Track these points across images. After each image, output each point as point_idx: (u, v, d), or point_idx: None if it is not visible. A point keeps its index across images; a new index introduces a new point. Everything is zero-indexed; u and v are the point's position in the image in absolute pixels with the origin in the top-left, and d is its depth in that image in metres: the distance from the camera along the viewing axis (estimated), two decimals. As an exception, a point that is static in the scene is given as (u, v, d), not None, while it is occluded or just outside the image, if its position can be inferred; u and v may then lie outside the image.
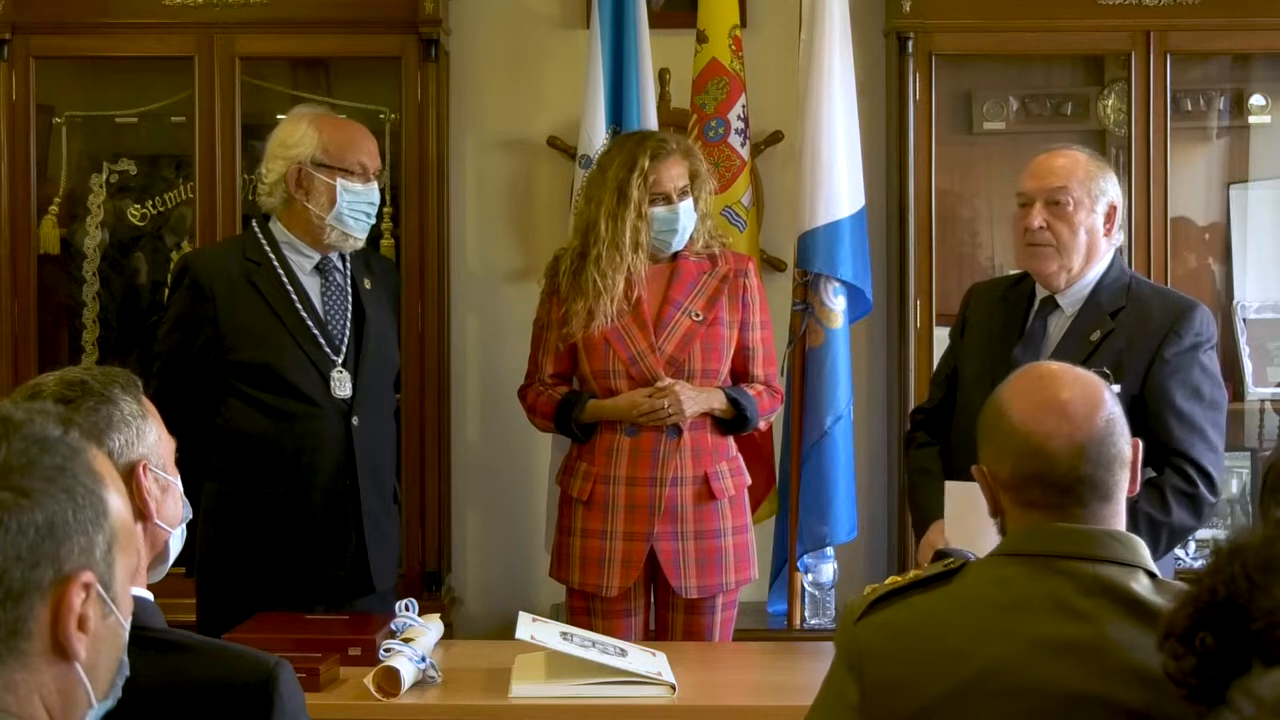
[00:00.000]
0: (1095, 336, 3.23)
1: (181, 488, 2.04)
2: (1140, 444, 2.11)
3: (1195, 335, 3.21)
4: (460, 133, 4.73)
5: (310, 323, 3.56)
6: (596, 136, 4.23)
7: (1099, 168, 3.33)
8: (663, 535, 3.67)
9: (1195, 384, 3.18)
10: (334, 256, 3.65)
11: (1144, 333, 3.20)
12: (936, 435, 3.48)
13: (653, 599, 3.78)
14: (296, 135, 3.60)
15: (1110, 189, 3.30)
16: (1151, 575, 2.01)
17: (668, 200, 3.66)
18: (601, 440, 3.70)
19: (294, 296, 3.57)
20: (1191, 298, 3.48)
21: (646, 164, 3.64)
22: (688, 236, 3.71)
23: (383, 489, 3.68)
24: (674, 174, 3.67)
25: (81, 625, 1.32)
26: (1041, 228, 3.28)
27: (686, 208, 3.68)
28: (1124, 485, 2.06)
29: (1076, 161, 3.31)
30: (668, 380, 3.63)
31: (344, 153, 3.60)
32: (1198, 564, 4.55)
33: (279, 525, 3.51)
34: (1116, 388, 2.83)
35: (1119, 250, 3.36)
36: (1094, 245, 3.29)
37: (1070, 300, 3.30)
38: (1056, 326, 3.32)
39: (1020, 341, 3.32)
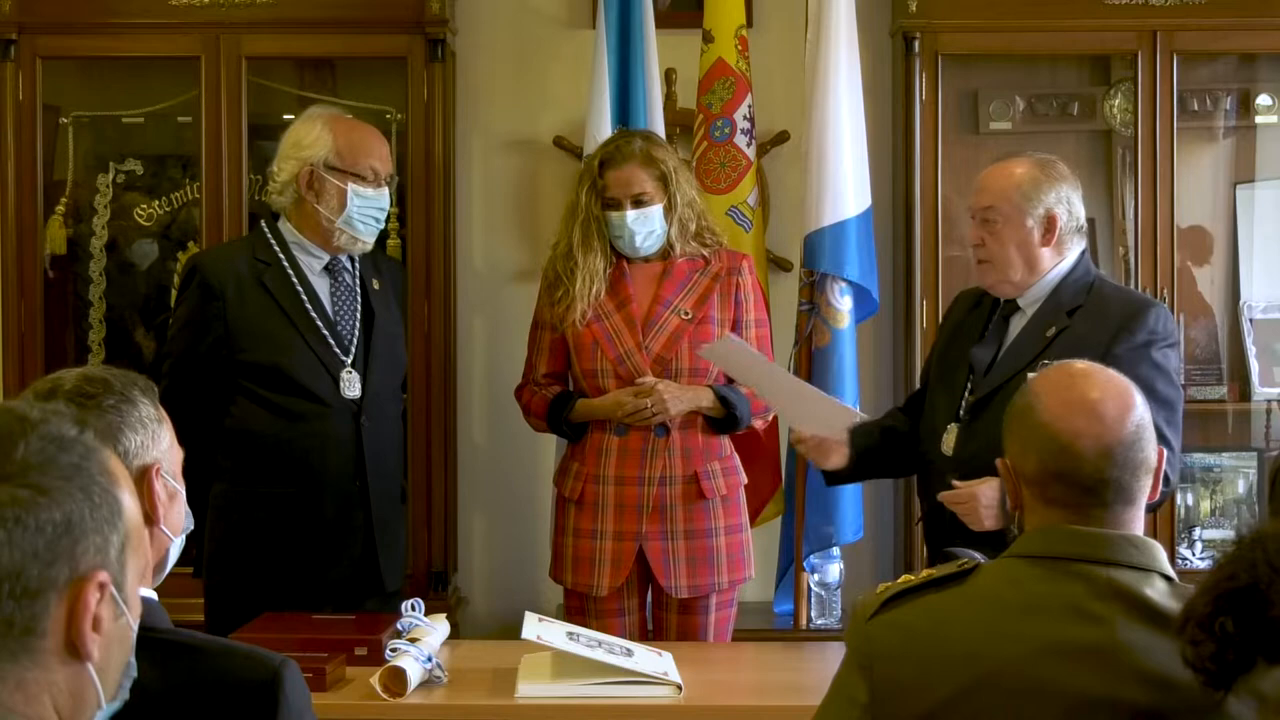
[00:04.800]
0: (1050, 333, 3.23)
1: (185, 498, 2.03)
2: (1165, 451, 2.11)
3: (1149, 333, 3.18)
4: (466, 133, 4.73)
5: (320, 323, 3.57)
6: (602, 136, 4.21)
7: (1037, 180, 3.29)
8: (651, 535, 3.67)
9: (1147, 381, 3.07)
10: (343, 257, 3.65)
11: (1097, 329, 3.18)
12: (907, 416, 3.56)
13: (648, 599, 3.79)
14: (310, 137, 3.60)
15: (1048, 199, 3.27)
16: (1168, 579, 2.00)
17: (618, 206, 3.68)
18: (592, 440, 3.72)
19: (304, 297, 3.57)
20: (1150, 297, 3.48)
21: (597, 168, 3.69)
22: (654, 240, 3.73)
23: (391, 490, 3.69)
24: (624, 180, 3.69)
25: (95, 625, 1.31)
26: (977, 244, 3.32)
27: (641, 214, 3.69)
28: (1147, 490, 2.06)
29: (1009, 176, 3.31)
30: (650, 379, 3.64)
31: (357, 157, 3.60)
32: (1204, 564, 4.55)
33: (288, 526, 3.52)
34: None
35: (1084, 252, 3.35)
36: (1031, 257, 3.28)
37: (1030, 301, 3.31)
38: (1016, 326, 3.33)
39: (981, 341, 3.34)
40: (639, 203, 3.68)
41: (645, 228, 3.70)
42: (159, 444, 1.93)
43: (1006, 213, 3.28)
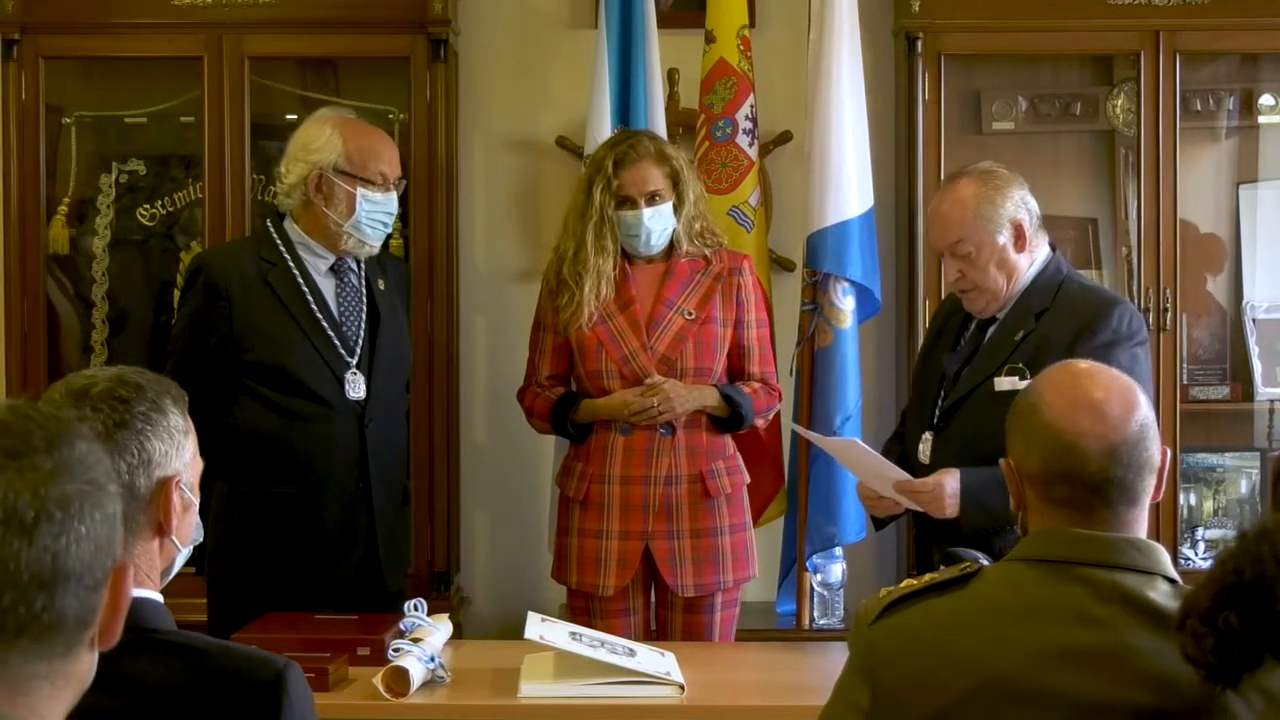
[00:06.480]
0: (1019, 336, 3.23)
1: (198, 510, 2.03)
2: (1169, 451, 2.10)
3: (1112, 332, 3.16)
4: (469, 133, 4.73)
5: (325, 324, 3.56)
6: (603, 137, 4.20)
7: (989, 196, 3.28)
8: (658, 534, 3.68)
9: None
10: (349, 258, 3.65)
11: (1060, 331, 3.18)
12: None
13: (653, 598, 3.79)
14: (320, 140, 3.59)
15: (1009, 208, 3.27)
16: (1171, 582, 2.00)
17: (633, 204, 3.67)
18: (597, 440, 3.72)
19: (309, 297, 3.57)
20: (1116, 295, 3.48)
21: (610, 168, 3.68)
22: (665, 238, 3.73)
23: (394, 491, 3.68)
24: (639, 178, 3.68)
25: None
26: (959, 278, 3.32)
27: (656, 212, 3.69)
28: (1150, 490, 2.05)
29: (963, 204, 3.30)
30: (656, 378, 3.64)
31: (366, 162, 3.59)
32: (1207, 564, 4.55)
33: (290, 526, 3.51)
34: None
35: (1054, 249, 3.35)
36: (1010, 267, 3.28)
37: (1003, 308, 3.32)
38: (989, 331, 3.33)
39: (955, 347, 3.35)
40: (653, 200, 3.69)
41: (659, 225, 3.70)
42: (182, 455, 1.93)
43: (977, 240, 3.27)
